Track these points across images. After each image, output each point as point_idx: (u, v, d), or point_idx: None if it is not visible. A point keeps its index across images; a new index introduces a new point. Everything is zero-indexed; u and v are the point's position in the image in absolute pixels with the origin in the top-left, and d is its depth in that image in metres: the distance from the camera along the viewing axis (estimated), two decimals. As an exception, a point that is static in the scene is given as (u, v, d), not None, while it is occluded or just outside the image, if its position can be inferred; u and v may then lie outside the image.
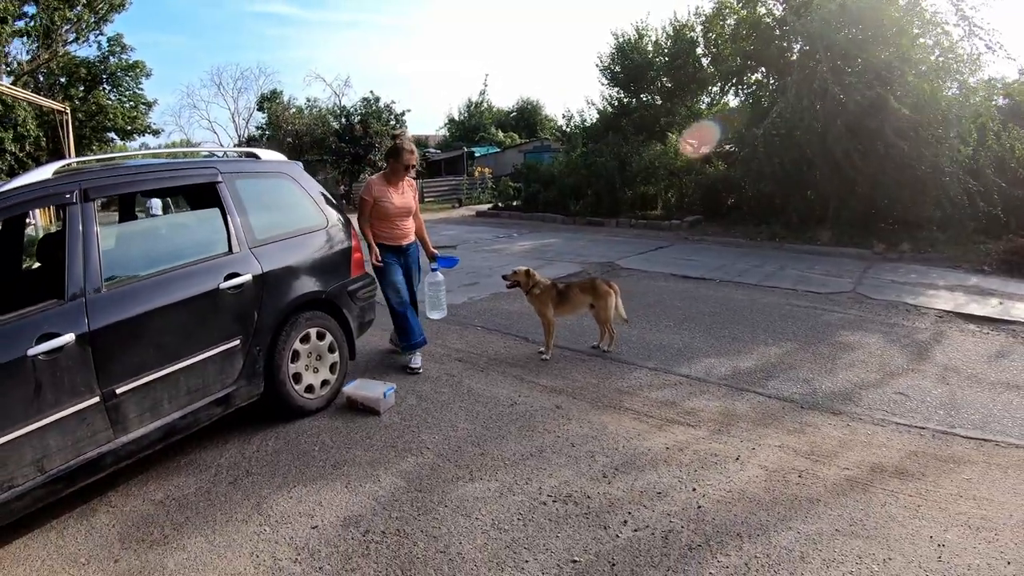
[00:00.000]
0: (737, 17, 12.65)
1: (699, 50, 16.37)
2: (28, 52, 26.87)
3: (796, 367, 5.12)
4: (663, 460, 3.60)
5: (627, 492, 3.26)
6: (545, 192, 17.47)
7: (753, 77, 13.23)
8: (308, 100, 37.63)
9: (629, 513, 3.07)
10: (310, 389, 4.39)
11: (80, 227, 3.29)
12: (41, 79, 29.18)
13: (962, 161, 9.93)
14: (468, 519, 3.07)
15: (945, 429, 3.99)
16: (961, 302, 7.15)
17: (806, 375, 4.94)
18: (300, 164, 4.92)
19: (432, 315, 5.32)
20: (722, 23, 13.60)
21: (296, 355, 4.27)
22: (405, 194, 5.13)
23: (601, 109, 18.63)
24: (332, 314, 4.56)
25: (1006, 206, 10.04)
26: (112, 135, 33.90)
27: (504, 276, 5.67)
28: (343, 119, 30.14)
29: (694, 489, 3.27)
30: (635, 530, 2.93)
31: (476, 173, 28.49)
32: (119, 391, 3.26)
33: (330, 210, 4.75)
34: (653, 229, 13.99)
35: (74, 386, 3.10)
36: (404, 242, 5.18)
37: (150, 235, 4.70)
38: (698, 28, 15.96)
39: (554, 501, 3.20)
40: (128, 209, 4.82)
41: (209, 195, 4.07)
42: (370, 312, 4.98)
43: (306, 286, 4.32)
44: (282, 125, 31.46)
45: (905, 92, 9.70)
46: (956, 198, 9.83)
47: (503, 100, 64.44)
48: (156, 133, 36.29)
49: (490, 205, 21.04)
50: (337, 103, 33.01)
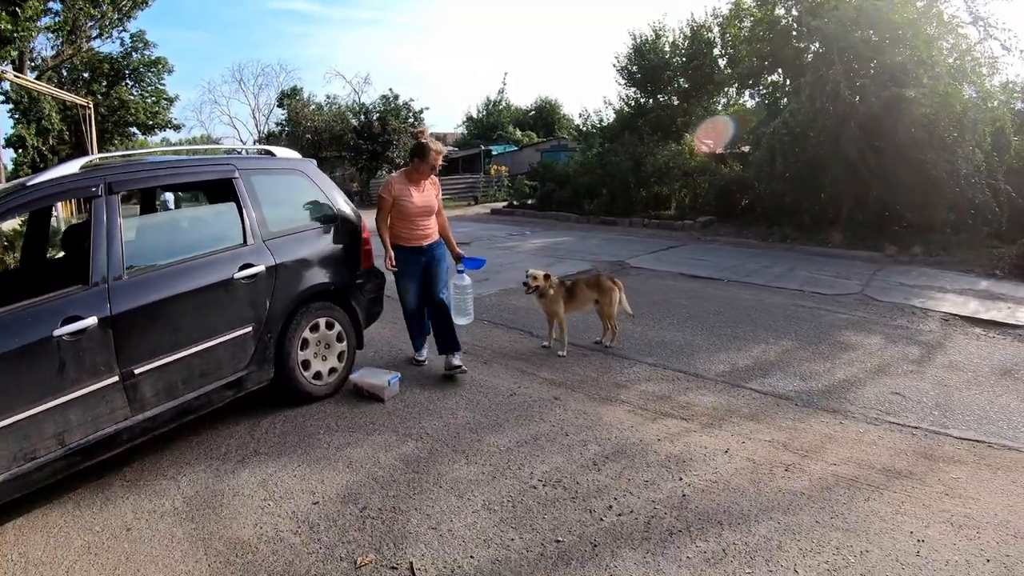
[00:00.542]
0: (753, 18, 12.67)
1: (716, 51, 16.41)
2: (52, 48, 27.37)
3: (794, 365, 5.20)
4: (653, 450, 3.73)
5: (615, 479, 3.39)
6: (560, 191, 17.58)
7: (769, 78, 13.23)
8: (328, 97, 38.06)
9: (615, 499, 3.20)
10: (318, 376, 4.57)
11: (104, 218, 3.49)
12: (65, 74, 29.69)
13: (977, 164, 9.89)
14: (460, 499, 3.23)
15: (938, 429, 4.03)
16: (969, 306, 7.15)
17: (804, 373, 5.01)
18: (314, 162, 5.11)
19: (459, 320, 5.08)
20: (739, 24, 13.62)
21: (305, 343, 4.45)
22: (427, 193, 4.93)
23: (618, 109, 18.70)
24: (341, 305, 4.73)
25: (1021, 210, 9.99)
26: (134, 130, 34.44)
27: (525, 284, 5.57)
28: (362, 116, 30.41)
29: (680, 478, 3.39)
30: (619, 514, 3.06)
31: (492, 171, 28.60)
32: (137, 371, 3.46)
33: (342, 205, 4.92)
34: (666, 229, 14.06)
35: (95, 366, 3.30)
36: (425, 242, 4.97)
37: (169, 227, 4.92)
38: (715, 29, 16.00)
39: (544, 485, 3.35)
40: (149, 202, 5.03)
41: (226, 190, 4.26)
42: (378, 304, 5.15)
43: (316, 278, 4.49)
44: (301, 122, 31.75)
45: (920, 94, 9.68)
46: (970, 202, 9.80)
47: (521, 99, 64.57)
48: (177, 128, 36.80)
49: (505, 203, 21.17)
50: (356, 100, 33.29)
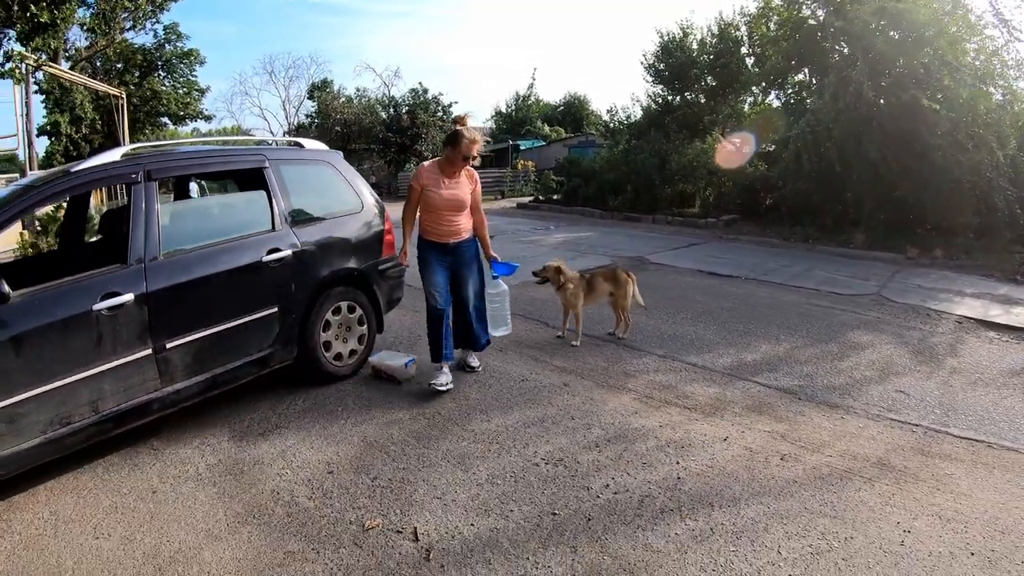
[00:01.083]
0: (779, 18, 12.64)
1: (744, 49, 16.37)
2: (86, 38, 28.02)
3: (802, 362, 5.28)
4: (654, 436, 3.88)
5: (614, 461, 3.56)
6: (585, 187, 17.68)
7: (796, 78, 13.20)
8: (358, 90, 38.45)
9: (612, 478, 3.37)
10: (339, 357, 4.79)
11: (143, 203, 3.76)
12: (98, 64, 30.38)
13: (1002, 168, 9.81)
14: (466, 473, 3.44)
15: (939, 428, 4.08)
16: (985, 310, 7.13)
17: (810, 369, 5.10)
18: (340, 153, 5.31)
19: (494, 332, 4.80)
20: (766, 24, 13.60)
21: (328, 325, 4.67)
22: (459, 186, 4.55)
23: (645, 106, 18.73)
24: (363, 290, 4.94)
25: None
26: (165, 120, 35.14)
27: (534, 272, 5.81)
28: (391, 109, 30.74)
29: (677, 463, 3.54)
30: (615, 493, 3.22)
31: (519, 166, 28.76)
32: (169, 346, 3.71)
33: (366, 195, 5.13)
34: (689, 227, 14.10)
35: (130, 339, 3.55)
36: (452, 240, 4.58)
37: (203, 212, 5.18)
38: (743, 28, 15.96)
39: (546, 463, 3.53)
40: (183, 189, 5.30)
41: (256, 179, 4.50)
42: (399, 290, 5.35)
43: (340, 263, 4.71)
44: (331, 114, 32.18)
45: (944, 96, 9.63)
46: (993, 205, 9.72)
47: (550, 94, 64.45)
48: (208, 119, 37.43)
49: (531, 198, 21.33)
50: (386, 93, 33.62)
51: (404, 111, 29.95)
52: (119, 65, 31.52)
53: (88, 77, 23.98)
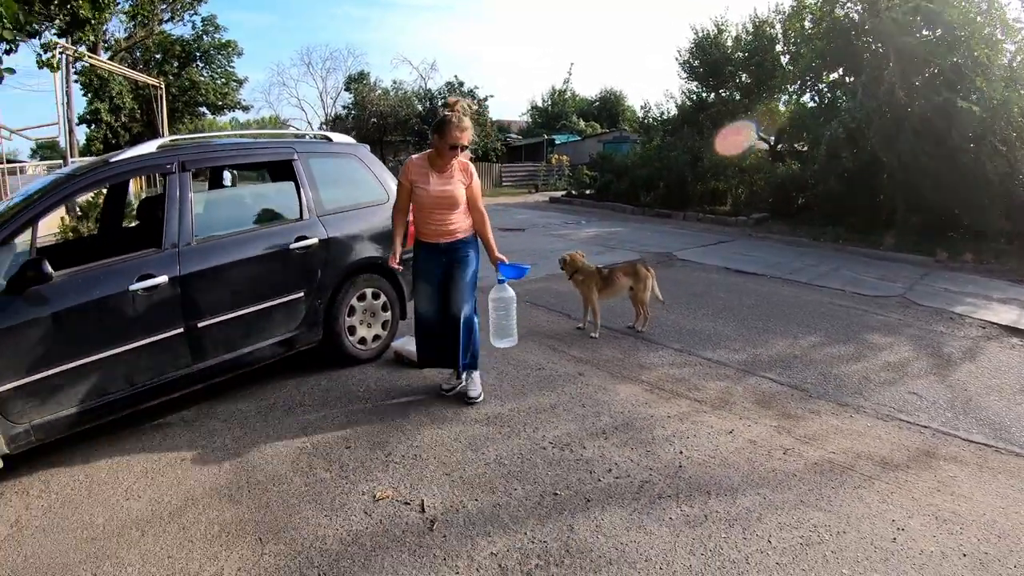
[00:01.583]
0: (814, 16, 12.53)
1: (778, 47, 16.22)
2: (125, 30, 28.76)
3: (817, 360, 5.32)
4: (660, 426, 4.00)
5: (619, 447, 3.69)
6: (618, 182, 17.73)
7: (830, 76, 13.07)
8: (394, 82, 38.83)
9: (615, 463, 3.50)
10: (363, 341, 4.99)
11: (177, 192, 3.99)
12: (137, 55, 31.16)
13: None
14: (476, 453, 3.61)
15: (947, 430, 4.06)
16: (1011, 316, 7.04)
17: (824, 368, 5.14)
18: (367, 146, 5.51)
19: (497, 343, 4.29)
20: (800, 22, 13.48)
21: (352, 310, 4.87)
22: (450, 181, 4.08)
23: (679, 103, 18.67)
24: (387, 278, 5.12)
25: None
26: (203, 110, 35.93)
27: (562, 260, 5.99)
28: (427, 102, 31.04)
29: (681, 452, 3.65)
30: (616, 477, 3.36)
31: (553, 160, 28.87)
32: (200, 325, 3.94)
33: (391, 186, 5.30)
34: (719, 224, 14.08)
35: (164, 318, 3.79)
36: (443, 240, 4.14)
37: (234, 201, 5.42)
38: (777, 26, 15.82)
39: (553, 447, 3.68)
40: (217, 179, 5.56)
41: (286, 170, 4.72)
42: (422, 282, 5.54)
43: (365, 251, 4.89)
44: (367, 106, 32.59)
45: (977, 98, 9.48)
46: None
47: (586, 89, 64.35)
48: (246, 109, 38.19)
49: (564, 192, 21.44)
50: (422, 86, 33.92)
51: (440, 104, 30.21)
52: (158, 56, 32.31)
53: (127, 67, 24.64)
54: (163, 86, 21.31)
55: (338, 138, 5.33)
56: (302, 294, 4.49)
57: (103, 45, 26.34)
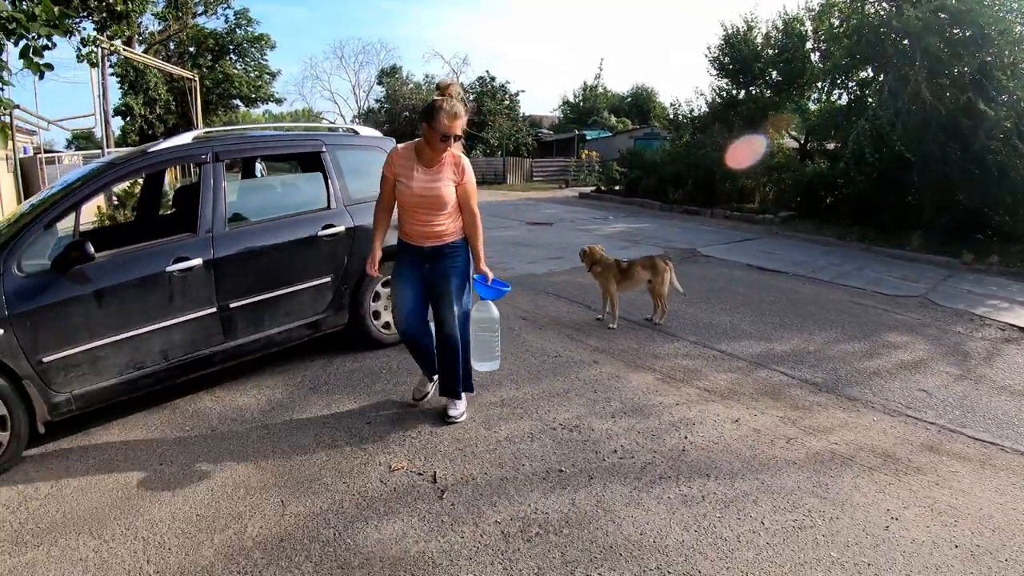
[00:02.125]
0: (842, 14, 12.43)
1: (808, 45, 16.11)
2: (159, 23, 29.42)
3: (830, 356, 5.38)
4: (668, 412, 4.14)
5: (626, 431, 3.85)
6: (646, 178, 17.77)
7: (860, 74, 12.96)
8: (426, 76, 39.13)
9: (621, 445, 3.67)
10: (387, 326, 5.19)
11: (211, 180, 4.24)
12: (171, 47, 31.86)
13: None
14: (488, 431, 3.82)
15: (954, 428, 4.06)
16: (1035, 319, 7.02)
17: (836, 363, 5.20)
18: (393, 140, 5.70)
19: (479, 365, 3.91)
20: (829, 20, 13.37)
21: (377, 296, 5.08)
22: (438, 177, 3.58)
23: (709, 100, 18.62)
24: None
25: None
26: (237, 102, 36.62)
27: (582, 251, 6.17)
28: (459, 97, 31.22)
29: (685, 437, 3.79)
30: (620, 458, 3.52)
31: (583, 156, 28.92)
32: (232, 306, 4.19)
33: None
34: (746, 222, 14.06)
35: (198, 298, 4.05)
36: (426, 243, 3.69)
37: (265, 190, 5.68)
38: (807, 23, 15.71)
39: (562, 428, 3.87)
40: (249, 169, 5.81)
41: (314, 161, 4.95)
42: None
43: (390, 239, 5.08)
44: (399, 100, 32.92)
45: (1005, 98, 9.38)
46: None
47: (618, 84, 63.87)
48: (279, 102, 38.90)
49: (593, 188, 21.53)
50: (455, 80, 34.15)
51: (471, 99, 30.42)
52: (191, 49, 33.05)
53: (161, 60, 25.25)
54: (197, 79, 21.83)
55: (364, 131, 5.55)
56: (329, 279, 4.72)
57: (138, 38, 27.04)
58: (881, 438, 3.91)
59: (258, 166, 11.20)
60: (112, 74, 28.48)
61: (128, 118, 30.65)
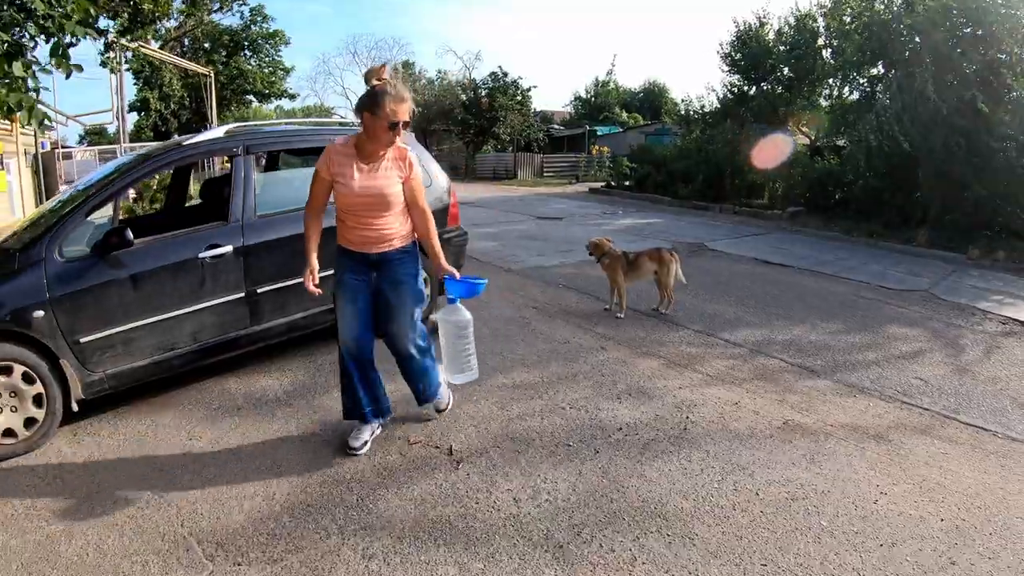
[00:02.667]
0: (853, 12, 12.53)
1: (820, 41, 16.18)
2: (175, 19, 29.74)
3: (830, 346, 5.54)
4: (672, 394, 4.35)
5: (631, 410, 4.07)
6: (656, 174, 17.89)
7: (871, 71, 13.05)
8: (439, 72, 39.36)
9: (625, 423, 3.89)
10: (406, 311, 5.43)
11: (242, 172, 4.49)
12: (186, 44, 32.20)
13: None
14: (501, 409, 4.06)
15: (948, 414, 4.18)
16: (1037, 313, 7.09)
17: (836, 353, 5.35)
18: (412, 134, 5.92)
19: (453, 378, 3.56)
20: (840, 16, 13.47)
21: (396, 283, 5.31)
22: (382, 174, 3.22)
23: (721, 96, 18.70)
24: (427, 255, 5.53)
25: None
26: (251, 97, 36.98)
27: (590, 251, 6.29)
28: (471, 92, 31.43)
29: (687, 417, 4.00)
30: (625, 435, 3.74)
31: (594, 151, 29.06)
32: (259, 291, 4.42)
33: (435, 171, 5.72)
34: (755, 217, 14.19)
35: (227, 283, 4.28)
36: (372, 250, 3.29)
37: (289, 182, 5.90)
38: (820, 20, 15.78)
39: (570, 408, 4.09)
40: (273, 162, 6.05)
41: None
42: (461, 258, 5.95)
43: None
44: (412, 95, 33.14)
45: (1009, 97, 9.48)
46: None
47: (630, 80, 63.78)
48: (292, 98, 39.30)
49: (603, 183, 21.67)
50: (467, 76, 34.32)
51: (483, 94, 30.61)
52: (206, 45, 33.39)
53: (176, 56, 25.57)
54: (212, 75, 22.14)
55: None
56: (350, 266, 4.94)
57: (153, 35, 27.38)
58: (875, 421, 4.07)
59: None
60: (127, 70, 28.91)
61: (143, 113, 31.08)
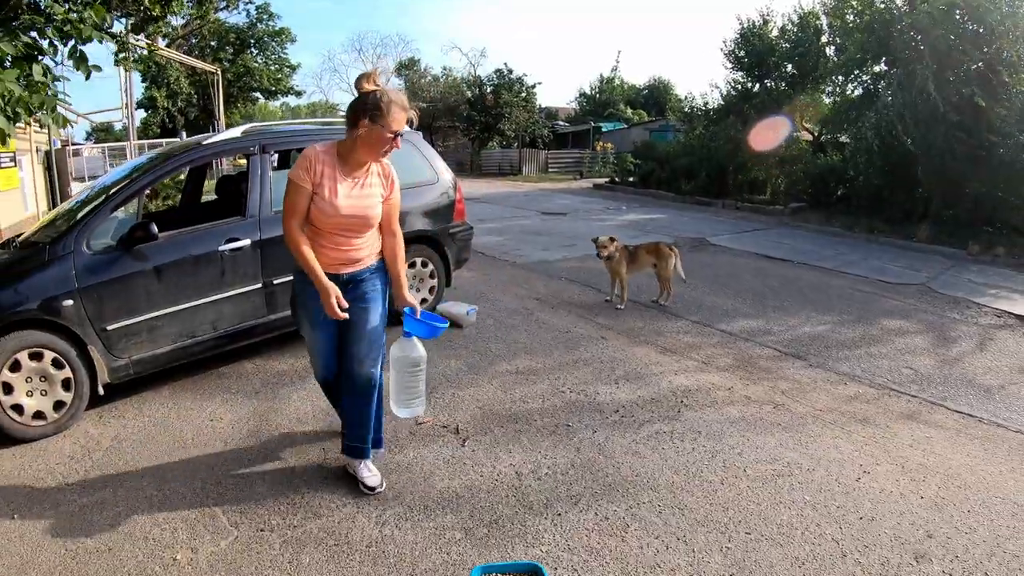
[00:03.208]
0: (854, 10, 12.65)
1: (824, 39, 16.30)
2: (182, 18, 30.00)
3: (824, 336, 5.71)
4: (668, 380, 4.56)
5: (628, 395, 4.29)
6: (660, 170, 18.06)
7: (874, 68, 13.16)
8: (444, 69, 39.57)
9: (623, 405, 4.11)
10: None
11: (259, 169, 4.71)
12: (193, 42, 32.45)
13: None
14: (504, 392, 4.29)
15: (936, 401, 4.30)
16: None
17: (830, 343, 5.52)
18: (420, 132, 6.14)
19: (399, 411, 3.21)
20: (843, 14, 13.58)
21: (402, 278, 5.52)
22: (368, 192, 2.91)
23: (724, 93, 18.84)
24: (435, 249, 5.77)
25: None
26: (257, 95, 37.17)
27: (598, 250, 6.31)
28: (476, 89, 31.59)
29: (682, 401, 4.21)
30: (621, 416, 3.96)
31: (599, 147, 29.18)
32: (275, 282, 4.65)
33: (442, 169, 5.93)
34: (757, 213, 14.34)
35: (245, 275, 4.52)
36: (344, 271, 2.97)
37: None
38: (823, 17, 15.90)
39: (570, 392, 4.32)
40: (285, 160, 6.28)
41: None
42: (466, 251, 6.18)
43: (416, 225, 5.53)
44: (417, 92, 33.32)
45: (1006, 93, 9.62)
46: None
47: (635, 77, 63.96)
48: (299, 95, 39.44)
49: (607, 179, 21.84)
50: (472, 72, 34.49)
51: (489, 91, 30.78)
52: (212, 43, 33.60)
53: (183, 54, 25.83)
54: (220, 72, 22.37)
55: None
56: (360, 259, 5.17)
57: (157, 30, 27.60)
58: (863, 407, 4.23)
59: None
60: (135, 68, 29.16)
61: (150, 111, 31.37)
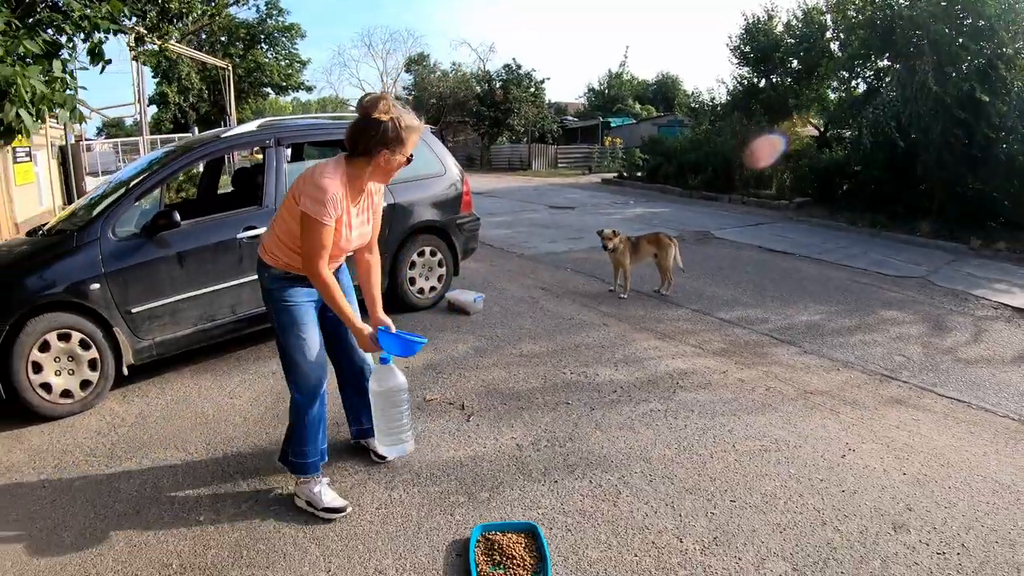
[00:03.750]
0: (856, 6, 12.73)
1: (828, 34, 16.40)
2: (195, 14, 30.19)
3: (821, 325, 5.87)
4: (665, 364, 4.76)
5: (626, 377, 4.49)
6: (667, 165, 18.21)
7: (878, 63, 13.26)
8: (453, 64, 39.74)
9: (620, 386, 4.32)
10: (421, 291, 5.88)
11: (274, 162, 4.92)
12: (203, 37, 32.68)
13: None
14: (507, 372, 4.52)
15: (925, 387, 4.44)
16: (1029, 299, 7.24)
17: (825, 331, 5.68)
18: (428, 127, 6.34)
19: (388, 451, 3.10)
20: (844, 11, 13.65)
21: (413, 264, 5.77)
22: (367, 214, 2.93)
23: (730, 88, 18.98)
24: (443, 239, 5.98)
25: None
26: (268, 90, 37.37)
27: (603, 242, 6.50)
28: (486, 84, 31.77)
29: (678, 383, 4.41)
30: (619, 396, 4.17)
31: (607, 143, 29.34)
32: (291, 268, 4.85)
33: (449, 163, 6.14)
34: (762, 207, 14.48)
35: (263, 261, 4.71)
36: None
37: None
38: (827, 13, 15.99)
39: (571, 373, 4.53)
40: (298, 153, 6.50)
41: None
42: (473, 241, 6.39)
43: (425, 215, 5.74)
44: (427, 87, 33.49)
45: (1004, 88, 9.72)
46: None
47: (644, 72, 63.76)
48: (309, 90, 39.57)
49: (615, 174, 22.01)
50: (481, 68, 34.64)
51: (498, 86, 30.96)
52: (223, 38, 33.80)
53: (194, 50, 26.09)
54: (230, 68, 22.57)
55: None
56: (371, 249, 5.39)
57: (170, 28, 27.85)
58: (854, 391, 4.38)
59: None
60: (145, 64, 29.44)
61: (161, 106, 31.69)
